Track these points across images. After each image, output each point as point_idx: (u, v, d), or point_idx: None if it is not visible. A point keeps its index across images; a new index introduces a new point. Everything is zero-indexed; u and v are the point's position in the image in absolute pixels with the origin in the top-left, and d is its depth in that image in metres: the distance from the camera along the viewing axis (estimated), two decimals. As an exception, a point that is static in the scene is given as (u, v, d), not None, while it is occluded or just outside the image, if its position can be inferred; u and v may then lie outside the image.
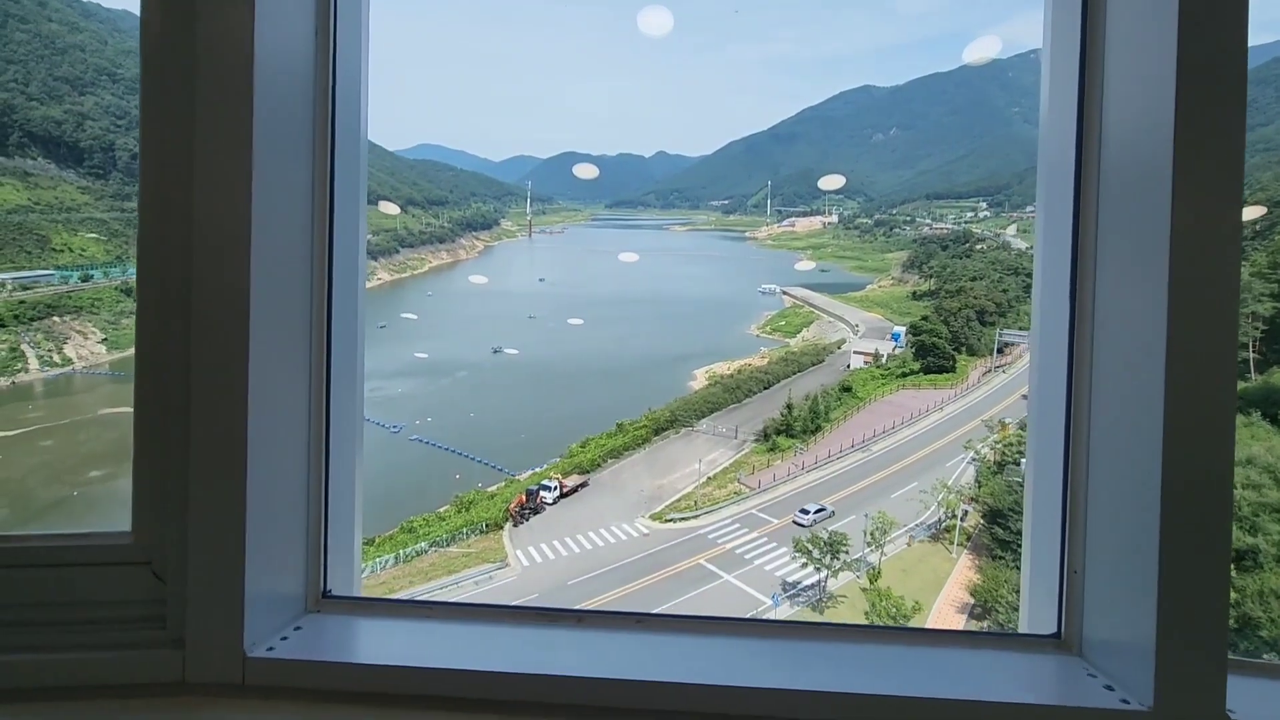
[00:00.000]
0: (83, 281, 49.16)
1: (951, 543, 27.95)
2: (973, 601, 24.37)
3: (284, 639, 1.19)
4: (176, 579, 1.14)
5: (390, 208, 79.15)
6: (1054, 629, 1.22)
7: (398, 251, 77.40)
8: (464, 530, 29.94)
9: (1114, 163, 1.16)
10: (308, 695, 1.12)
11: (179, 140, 1.15)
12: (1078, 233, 1.23)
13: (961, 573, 26.42)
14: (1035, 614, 1.28)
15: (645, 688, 1.10)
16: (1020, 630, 1.31)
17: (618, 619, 1.29)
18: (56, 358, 43.99)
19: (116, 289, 48.84)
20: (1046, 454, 1.29)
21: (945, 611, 24.38)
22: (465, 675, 1.13)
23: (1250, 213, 39.11)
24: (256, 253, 1.14)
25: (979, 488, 29.92)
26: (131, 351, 1.38)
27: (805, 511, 30.03)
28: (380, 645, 1.24)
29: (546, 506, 31.73)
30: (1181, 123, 0.98)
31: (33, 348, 43.61)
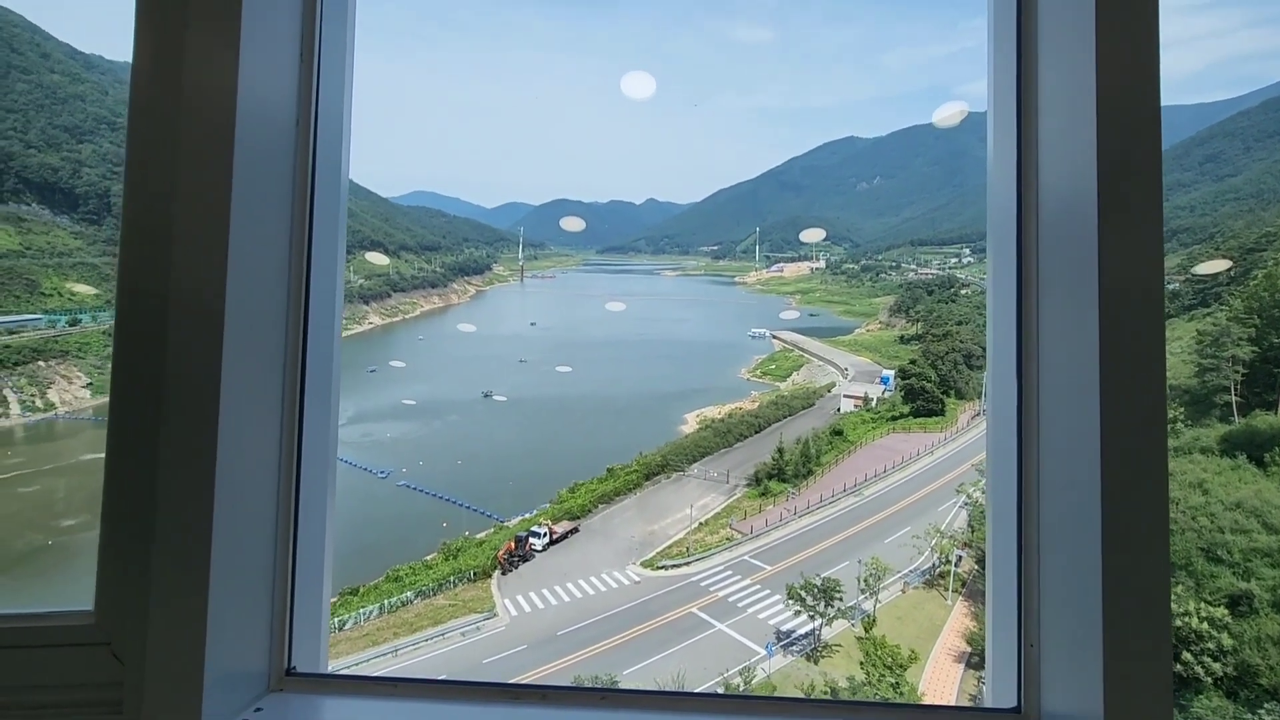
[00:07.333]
0: (70, 325, 48.86)
1: (947, 589, 27.56)
2: (970, 650, 23.89)
3: (242, 722, 1.18)
4: (135, 661, 1.13)
5: (379, 257, 79.17)
6: (1015, 702, 1.23)
7: (389, 296, 77.65)
8: (451, 579, 29.25)
9: (1050, 215, 1.23)
10: (264, 782, 1.11)
11: (161, 190, 1.16)
12: (1021, 291, 1.29)
13: (958, 620, 25.98)
14: (998, 687, 1.29)
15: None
16: (985, 704, 1.31)
17: (583, 695, 1.28)
18: (39, 402, 43.35)
19: (104, 332, 48.54)
20: (1002, 519, 1.31)
21: (942, 661, 23.85)
22: (427, 757, 1.12)
23: (1215, 266, 39.94)
24: (231, 311, 1.14)
25: (972, 532, 29.69)
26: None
27: None
28: (341, 726, 1.23)
29: (536, 554, 31.11)
30: (1103, 178, 1.07)
31: (15, 392, 43.03)
